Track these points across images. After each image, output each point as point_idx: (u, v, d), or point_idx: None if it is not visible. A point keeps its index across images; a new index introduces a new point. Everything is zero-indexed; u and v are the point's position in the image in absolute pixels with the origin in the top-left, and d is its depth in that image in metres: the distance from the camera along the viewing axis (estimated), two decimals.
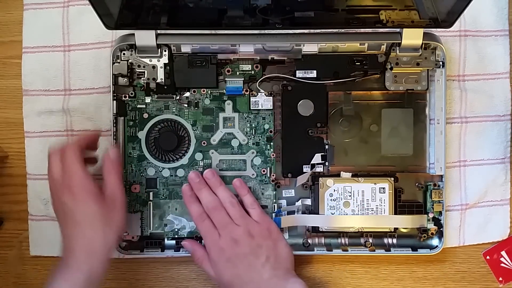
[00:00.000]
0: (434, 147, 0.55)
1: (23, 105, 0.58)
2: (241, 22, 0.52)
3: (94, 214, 0.47)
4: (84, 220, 0.47)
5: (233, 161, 0.56)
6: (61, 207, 0.48)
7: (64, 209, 0.48)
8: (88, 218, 0.47)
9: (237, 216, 0.53)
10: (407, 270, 0.58)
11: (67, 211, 0.48)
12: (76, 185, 0.47)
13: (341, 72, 0.55)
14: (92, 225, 0.47)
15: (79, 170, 0.48)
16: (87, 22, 0.58)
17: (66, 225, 0.48)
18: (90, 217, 0.47)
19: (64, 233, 0.49)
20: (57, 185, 0.48)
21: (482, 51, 0.58)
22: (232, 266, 0.51)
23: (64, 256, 0.48)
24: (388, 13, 0.51)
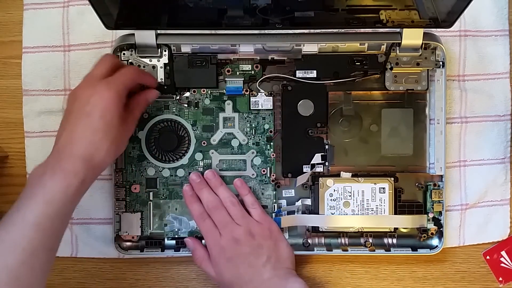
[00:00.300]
0: (434, 147, 0.55)
1: (23, 105, 0.58)
2: (241, 22, 0.52)
3: (111, 129, 0.46)
4: (98, 129, 0.45)
5: (233, 161, 0.56)
6: (82, 107, 0.45)
7: (85, 110, 0.45)
8: (103, 129, 0.45)
9: (238, 216, 0.53)
10: (407, 270, 0.58)
11: (86, 113, 0.45)
12: (110, 100, 0.46)
13: (341, 72, 0.55)
14: (102, 138, 0.45)
15: (119, 89, 0.47)
16: (87, 22, 0.58)
17: (76, 126, 0.45)
18: (106, 129, 0.45)
19: (67, 133, 0.45)
20: (93, 80, 0.47)
21: (482, 51, 0.58)
22: (232, 266, 0.51)
23: (57, 158, 0.44)
24: (388, 13, 0.51)
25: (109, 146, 0.46)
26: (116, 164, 0.55)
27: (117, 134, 0.46)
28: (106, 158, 0.46)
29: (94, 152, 0.45)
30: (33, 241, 0.40)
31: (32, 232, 0.41)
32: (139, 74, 0.51)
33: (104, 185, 0.57)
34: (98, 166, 0.46)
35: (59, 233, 0.44)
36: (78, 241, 0.57)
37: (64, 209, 0.43)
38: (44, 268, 0.42)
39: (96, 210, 0.57)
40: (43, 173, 0.43)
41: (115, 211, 0.55)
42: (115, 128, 0.46)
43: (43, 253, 0.41)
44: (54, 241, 0.43)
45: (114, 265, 0.58)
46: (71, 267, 0.58)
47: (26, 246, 0.40)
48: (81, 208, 0.57)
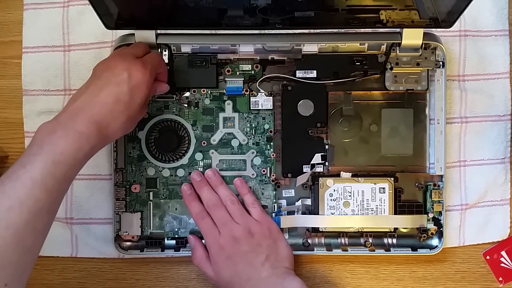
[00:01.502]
0: (434, 147, 0.55)
1: (23, 105, 0.58)
2: (241, 22, 0.52)
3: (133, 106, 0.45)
4: (123, 101, 0.45)
5: (233, 161, 0.56)
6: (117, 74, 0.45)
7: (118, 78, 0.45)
8: (127, 104, 0.45)
9: (237, 215, 0.53)
10: (407, 270, 0.58)
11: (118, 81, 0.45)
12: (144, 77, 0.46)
13: (341, 72, 0.55)
14: (123, 111, 0.45)
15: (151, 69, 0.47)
16: (87, 22, 0.58)
17: (102, 90, 0.44)
18: (129, 104, 0.45)
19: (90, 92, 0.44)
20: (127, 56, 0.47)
21: (482, 51, 0.58)
22: (231, 264, 0.51)
23: (71, 118, 0.43)
24: (388, 13, 0.51)
25: (125, 121, 0.45)
26: (116, 164, 0.55)
27: (135, 113, 0.46)
28: (119, 131, 0.45)
29: (111, 121, 0.44)
30: (38, 202, 0.40)
31: (38, 192, 0.40)
32: (163, 62, 0.52)
33: (104, 185, 0.57)
34: (109, 136, 0.45)
35: (62, 196, 0.43)
36: (78, 241, 0.57)
37: (71, 172, 0.42)
38: (45, 230, 0.41)
39: (96, 210, 0.57)
40: (53, 131, 0.42)
41: (115, 211, 0.55)
42: (137, 107, 0.46)
43: (47, 215, 0.41)
44: (57, 203, 0.42)
45: (114, 265, 0.58)
46: (71, 267, 0.58)
47: (31, 206, 0.39)
48: (81, 208, 0.57)
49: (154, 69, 0.48)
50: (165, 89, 0.53)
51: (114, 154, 0.55)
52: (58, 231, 0.57)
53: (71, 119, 0.43)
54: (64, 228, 0.57)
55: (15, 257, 0.38)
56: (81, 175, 0.57)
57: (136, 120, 0.49)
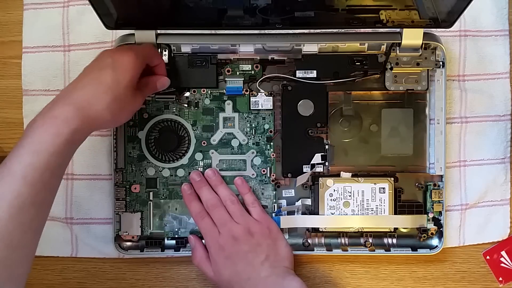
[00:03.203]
0: (434, 147, 0.55)
1: (23, 105, 0.58)
2: (241, 22, 0.52)
3: (118, 86, 0.45)
4: (105, 82, 0.44)
5: (233, 161, 0.56)
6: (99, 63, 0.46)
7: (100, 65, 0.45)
8: (110, 84, 0.44)
9: (237, 214, 0.53)
10: (407, 270, 0.58)
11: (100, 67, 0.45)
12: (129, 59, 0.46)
13: (341, 72, 0.55)
14: (106, 91, 0.44)
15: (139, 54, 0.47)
16: (87, 22, 0.58)
17: (84, 77, 0.45)
18: (113, 84, 0.44)
19: (71, 84, 0.45)
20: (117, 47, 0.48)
21: (482, 51, 0.58)
22: (231, 264, 0.51)
23: (53, 105, 0.43)
24: (388, 13, 0.51)
25: (111, 102, 0.44)
26: (116, 164, 0.55)
27: (122, 96, 0.45)
28: (105, 112, 0.44)
29: (93, 102, 0.43)
30: (20, 195, 0.39)
31: (19, 185, 0.39)
32: (157, 54, 0.51)
33: (104, 185, 0.57)
34: (94, 118, 0.43)
35: (50, 187, 0.41)
36: (78, 241, 0.57)
37: (54, 160, 0.40)
38: (33, 225, 0.40)
39: (96, 210, 0.57)
40: (34, 121, 0.42)
41: (115, 211, 0.55)
42: (122, 89, 0.45)
43: (32, 208, 0.39)
44: (44, 195, 0.41)
45: (114, 265, 0.58)
46: (71, 267, 0.58)
47: (12, 200, 0.38)
48: (81, 208, 0.57)
49: (143, 55, 0.48)
50: (166, 82, 0.52)
51: (114, 154, 0.55)
52: (58, 231, 0.57)
53: (49, 107, 0.43)
54: (64, 228, 0.57)
55: (1, 254, 0.38)
56: (81, 175, 0.57)
57: (126, 108, 0.47)
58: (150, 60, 0.50)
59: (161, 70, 0.52)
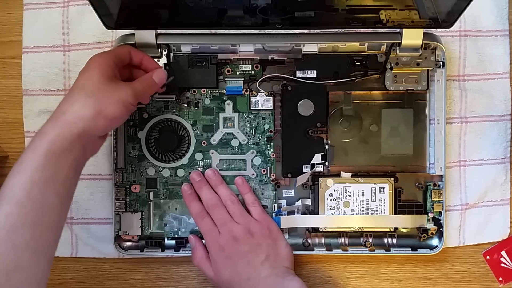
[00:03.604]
0: (434, 147, 0.55)
1: (23, 105, 0.58)
2: (241, 22, 0.52)
3: (96, 86, 0.44)
4: (86, 85, 0.44)
5: (233, 161, 0.56)
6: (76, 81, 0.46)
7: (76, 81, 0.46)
8: (90, 85, 0.44)
9: (237, 214, 0.53)
10: (407, 270, 0.58)
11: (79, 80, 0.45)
12: (96, 59, 0.46)
13: (341, 72, 0.55)
14: (91, 93, 0.44)
15: (107, 54, 0.47)
16: (87, 22, 0.58)
17: (72, 90, 0.45)
18: (92, 86, 0.44)
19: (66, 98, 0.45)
20: None
21: (482, 51, 0.58)
22: (231, 264, 0.51)
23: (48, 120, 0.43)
24: (388, 13, 0.51)
25: (85, 99, 0.43)
26: (116, 164, 0.55)
27: (96, 90, 0.44)
28: (81, 111, 0.43)
29: (67, 107, 0.43)
30: (10, 215, 0.38)
31: (7, 206, 0.38)
32: (131, 48, 0.50)
33: (104, 185, 0.57)
34: (73, 121, 0.42)
35: (43, 204, 0.40)
36: (78, 241, 0.57)
37: (39, 176, 0.40)
38: (32, 245, 0.39)
39: (96, 210, 0.57)
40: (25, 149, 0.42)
41: (115, 211, 0.55)
42: (94, 84, 0.44)
43: (25, 228, 0.38)
44: (37, 213, 0.39)
45: (114, 265, 0.58)
46: (71, 267, 0.58)
47: (2, 222, 0.37)
48: (81, 208, 0.57)
49: (114, 54, 0.48)
50: (162, 73, 0.51)
51: (114, 154, 0.55)
52: None
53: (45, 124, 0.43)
54: (64, 228, 0.56)
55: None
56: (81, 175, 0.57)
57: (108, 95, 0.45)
58: (127, 57, 0.49)
59: (150, 65, 0.51)
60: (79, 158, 0.44)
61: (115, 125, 0.47)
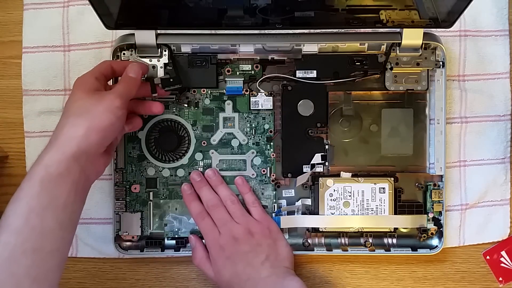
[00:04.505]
0: (434, 147, 0.55)
1: (23, 105, 0.58)
2: (241, 22, 0.52)
3: (81, 103, 0.44)
4: (72, 108, 0.44)
5: (233, 161, 0.56)
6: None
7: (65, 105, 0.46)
8: (76, 106, 0.44)
9: (237, 214, 0.53)
10: (407, 270, 0.58)
11: (65, 105, 0.46)
12: (77, 81, 0.46)
13: (341, 72, 0.55)
14: (77, 112, 0.44)
15: (88, 73, 0.47)
16: (87, 22, 0.58)
17: (61, 118, 0.45)
18: (77, 105, 0.44)
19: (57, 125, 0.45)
20: None
21: (482, 51, 0.58)
22: (231, 264, 0.51)
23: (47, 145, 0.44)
24: (388, 13, 0.51)
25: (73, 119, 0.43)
26: (116, 164, 0.55)
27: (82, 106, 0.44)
28: (71, 131, 0.43)
29: (58, 132, 0.43)
30: (7, 244, 0.38)
31: (5, 235, 0.38)
32: (111, 62, 0.50)
33: (104, 185, 0.57)
34: (65, 143, 0.42)
35: (43, 231, 0.40)
36: (78, 241, 0.57)
37: (36, 202, 0.40)
38: (33, 273, 0.38)
39: (96, 210, 0.57)
40: None
41: (115, 211, 0.55)
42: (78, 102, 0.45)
43: (24, 256, 0.38)
44: (37, 240, 0.39)
45: (114, 265, 0.58)
46: (71, 267, 0.58)
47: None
48: None
49: (90, 70, 0.48)
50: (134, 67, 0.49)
51: (114, 154, 0.55)
52: None
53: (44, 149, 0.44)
54: None
55: None
56: None
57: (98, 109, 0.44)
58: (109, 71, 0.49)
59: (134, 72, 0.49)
60: (79, 181, 0.43)
61: (109, 135, 0.45)
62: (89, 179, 0.46)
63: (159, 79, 0.53)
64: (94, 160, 0.45)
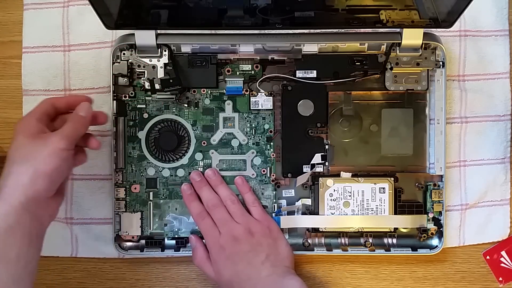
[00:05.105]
0: (434, 147, 0.55)
1: (23, 105, 0.58)
2: (241, 22, 0.52)
3: (24, 149, 0.43)
4: (15, 155, 0.43)
5: (233, 161, 0.56)
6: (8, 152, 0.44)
7: (8, 152, 0.44)
8: (19, 153, 0.43)
9: (237, 214, 0.53)
10: (407, 270, 0.58)
11: (8, 153, 0.44)
12: (18, 125, 0.44)
13: (341, 72, 0.55)
14: (21, 159, 0.42)
15: (28, 115, 0.45)
16: (87, 22, 0.58)
17: (5, 166, 0.43)
18: (20, 152, 0.43)
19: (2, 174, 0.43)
20: None
21: (482, 51, 0.58)
22: (231, 264, 0.51)
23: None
24: (388, 13, 0.51)
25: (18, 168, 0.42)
26: (116, 164, 0.55)
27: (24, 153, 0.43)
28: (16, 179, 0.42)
29: (3, 182, 0.42)
30: None
31: None
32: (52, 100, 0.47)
33: (104, 185, 0.57)
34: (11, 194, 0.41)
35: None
36: (78, 241, 0.57)
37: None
38: None
39: (96, 210, 0.57)
40: None
41: (115, 211, 0.55)
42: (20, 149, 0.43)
43: None
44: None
45: (114, 265, 0.58)
46: (71, 267, 0.58)
47: None
48: (81, 208, 0.57)
49: (31, 112, 0.46)
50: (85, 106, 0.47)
51: (114, 154, 0.55)
52: (58, 231, 0.57)
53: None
54: (64, 228, 0.57)
55: None
56: (81, 175, 0.57)
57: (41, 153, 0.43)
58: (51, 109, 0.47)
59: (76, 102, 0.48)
60: (32, 229, 0.42)
61: (57, 179, 0.44)
62: (43, 224, 0.44)
63: (158, 80, 0.54)
64: (45, 205, 0.44)
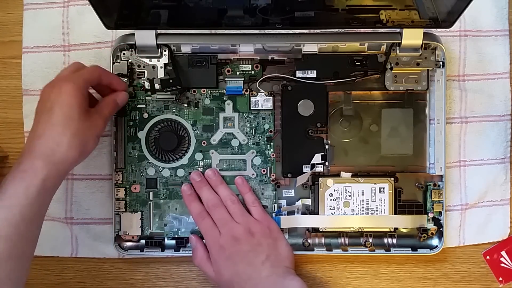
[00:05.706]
0: (434, 147, 0.55)
1: (23, 105, 0.58)
2: (241, 22, 0.52)
3: (76, 124, 0.45)
4: (57, 123, 0.44)
5: (233, 161, 0.56)
6: (44, 104, 0.46)
7: (46, 106, 0.45)
8: (62, 123, 0.44)
9: (237, 214, 0.53)
10: (407, 270, 0.58)
11: (47, 109, 0.45)
12: (67, 88, 0.45)
13: (341, 72, 0.55)
14: (62, 131, 0.44)
15: (81, 81, 0.46)
16: (87, 22, 0.58)
17: (38, 123, 0.45)
18: (73, 124, 0.45)
19: (31, 133, 0.45)
20: (55, 80, 0.47)
21: (482, 51, 0.58)
22: (232, 264, 0.51)
23: (21, 159, 0.44)
24: (388, 13, 0.51)
25: (71, 140, 0.45)
26: (116, 164, 0.55)
27: (79, 128, 0.45)
28: (68, 152, 0.44)
29: (55, 147, 0.44)
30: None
31: None
32: (101, 72, 0.50)
33: (104, 185, 0.57)
34: (61, 162, 0.44)
35: (28, 238, 0.43)
36: (78, 241, 0.57)
37: (28, 211, 0.42)
38: (13, 276, 0.41)
39: (96, 210, 0.57)
40: (5, 178, 0.43)
41: (115, 211, 0.55)
42: (76, 122, 0.45)
43: (11, 261, 0.41)
44: (22, 247, 0.42)
45: (114, 265, 0.58)
46: (71, 267, 0.58)
47: None
48: (81, 208, 0.57)
49: (83, 79, 0.47)
50: (124, 96, 0.52)
51: (114, 154, 0.55)
52: (58, 231, 0.57)
53: (18, 162, 0.44)
54: (64, 228, 0.57)
55: None
56: (81, 175, 0.57)
57: (88, 136, 0.46)
58: (96, 81, 0.49)
59: (118, 86, 0.52)
60: None
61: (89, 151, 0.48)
62: None
63: (158, 80, 0.54)
64: None
